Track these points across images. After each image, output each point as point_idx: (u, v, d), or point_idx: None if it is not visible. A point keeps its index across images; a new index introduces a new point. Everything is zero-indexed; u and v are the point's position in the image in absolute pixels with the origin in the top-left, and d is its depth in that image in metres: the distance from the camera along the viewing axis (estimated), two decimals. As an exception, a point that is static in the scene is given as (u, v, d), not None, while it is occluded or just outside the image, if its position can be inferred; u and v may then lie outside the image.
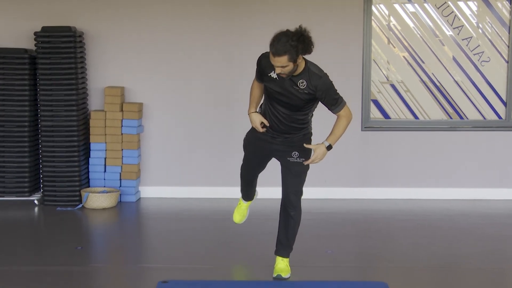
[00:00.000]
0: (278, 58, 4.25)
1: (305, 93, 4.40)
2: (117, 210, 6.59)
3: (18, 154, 6.64)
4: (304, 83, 4.39)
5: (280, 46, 4.22)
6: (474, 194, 6.97)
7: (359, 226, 6.12)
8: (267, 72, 4.44)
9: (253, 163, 4.82)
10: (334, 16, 6.80)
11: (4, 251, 5.34)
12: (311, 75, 4.39)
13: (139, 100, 6.94)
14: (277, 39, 4.25)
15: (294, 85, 4.39)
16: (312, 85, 4.39)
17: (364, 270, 5.04)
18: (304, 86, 4.39)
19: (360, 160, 6.98)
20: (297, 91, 4.40)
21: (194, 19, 6.85)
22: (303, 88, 4.39)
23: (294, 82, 4.39)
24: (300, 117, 4.54)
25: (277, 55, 4.25)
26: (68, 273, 4.84)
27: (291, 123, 4.54)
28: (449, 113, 7.07)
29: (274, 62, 4.28)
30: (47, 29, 6.60)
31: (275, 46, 4.24)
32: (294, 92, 4.41)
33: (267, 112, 4.58)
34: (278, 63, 4.27)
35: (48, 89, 6.60)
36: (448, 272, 4.90)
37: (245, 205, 5.23)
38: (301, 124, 4.57)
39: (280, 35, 4.26)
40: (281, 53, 4.23)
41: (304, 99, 4.42)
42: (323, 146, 4.53)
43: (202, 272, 4.89)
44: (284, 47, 4.21)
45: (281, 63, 4.26)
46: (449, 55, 7.05)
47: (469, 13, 7.03)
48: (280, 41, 4.23)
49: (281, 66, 4.27)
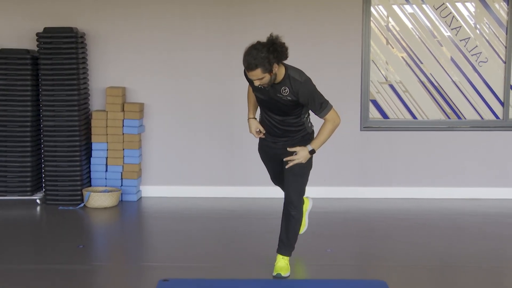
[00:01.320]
0: (251, 72, 4.27)
1: (288, 100, 4.43)
2: (118, 209, 6.58)
3: (21, 154, 6.63)
4: (286, 89, 4.42)
5: (251, 59, 4.22)
6: (473, 193, 6.96)
7: (359, 225, 6.11)
8: (252, 82, 4.44)
9: (270, 169, 4.91)
10: (334, 17, 6.79)
11: (6, 249, 5.34)
12: (292, 81, 4.40)
13: (140, 100, 6.93)
14: (248, 53, 4.26)
15: (278, 93, 4.43)
16: (294, 91, 4.41)
17: (363, 269, 5.03)
18: (287, 92, 4.42)
19: (359, 160, 6.96)
20: (281, 98, 4.43)
21: (194, 20, 6.84)
22: (286, 95, 4.42)
23: (277, 90, 4.42)
24: (293, 121, 4.57)
25: (250, 70, 4.27)
26: (70, 271, 4.83)
27: (286, 127, 4.58)
28: (447, 113, 7.05)
29: (250, 76, 4.32)
30: (49, 30, 6.59)
31: (246, 61, 4.25)
32: (278, 100, 4.45)
33: (263, 119, 4.67)
34: (253, 76, 4.29)
35: (50, 89, 6.59)
36: (446, 271, 4.89)
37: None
38: (296, 127, 4.61)
39: (250, 49, 4.27)
40: (253, 67, 4.24)
41: (289, 105, 4.46)
42: (306, 149, 4.56)
43: (202, 270, 4.87)
44: (255, 61, 4.22)
45: (256, 76, 4.28)
46: (447, 56, 7.04)
47: (467, 14, 7.02)
48: (250, 55, 4.24)
49: (258, 79, 4.29)
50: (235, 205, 6.71)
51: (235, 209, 6.57)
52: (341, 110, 6.96)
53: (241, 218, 6.30)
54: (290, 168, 4.60)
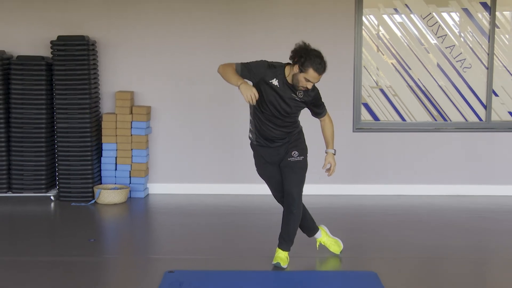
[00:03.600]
0: (321, 75, 4.32)
1: (302, 101, 4.47)
2: (127, 205, 6.57)
3: (36, 154, 6.62)
4: (301, 93, 4.46)
5: (325, 66, 4.31)
6: (457, 190, 6.96)
7: (351, 220, 6.10)
8: (269, 78, 4.41)
9: (272, 180, 4.72)
10: (328, 25, 6.79)
11: (22, 243, 5.33)
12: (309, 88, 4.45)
13: (147, 103, 6.92)
14: (321, 57, 4.30)
15: (293, 93, 4.44)
16: (309, 94, 4.46)
17: (355, 260, 5.02)
18: (302, 95, 4.46)
19: (352, 159, 6.96)
20: (295, 99, 4.45)
21: (199, 26, 6.83)
22: (301, 97, 4.46)
23: (293, 91, 4.43)
24: (290, 120, 4.56)
25: (322, 73, 4.32)
26: (82, 263, 4.82)
27: (282, 128, 4.55)
28: (433, 115, 7.05)
29: (314, 79, 4.31)
30: (62, 38, 6.58)
31: (323, 66, 4.30)
32: (292, 99, 4.44)
33: (257, 125, 4.57)
34: (316, 79, 4.33)
35: (63, 94, 6.58)
36: (434, 263, 4.88)
37: None
38: (291, 125, 4.58)
39: (321, 54, 4.32)
40: (324, 72, 4.33)
41: (299, 106, 4.49)
42: (331, 155, 4.66)
43: (206, 262, 4.87)
44: (326, 67, 4.32)
45: (318, 80, 4.34)
46: (433, 62, 7.04)
47: (452, 23, 7.01)
48: (324, 62, 4.31)
49: (315, 82, 4.35)
50: (237, 201, 6.70)
51: (237, 205, 6.56)
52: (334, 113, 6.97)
53: (242, 214, 6.29)
54: (289, 167, 4.57)
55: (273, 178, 4.71)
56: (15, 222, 6.08)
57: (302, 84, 4.35)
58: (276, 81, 4.41)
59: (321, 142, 4.74)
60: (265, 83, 4.42)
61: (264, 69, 4.42)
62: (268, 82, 4.41)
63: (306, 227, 4.91)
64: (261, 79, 4.42)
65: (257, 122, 4.57)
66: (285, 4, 6.79)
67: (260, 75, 4.43)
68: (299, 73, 4.32)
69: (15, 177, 6.64)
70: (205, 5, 6.81)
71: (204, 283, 4.39)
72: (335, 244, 4.96)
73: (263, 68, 4.42)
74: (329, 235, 4.98)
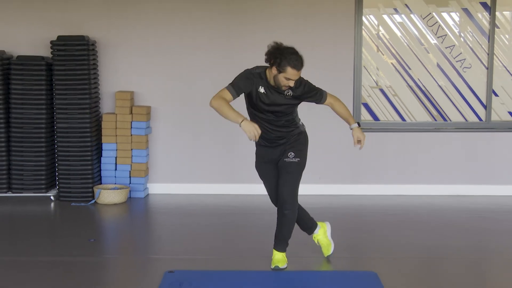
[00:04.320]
0: (299, 71, 4.30)
1: (292, 98, 4.46)
2: (127, 205, 6.57)
3: (36, 154, 6.62)
4: (289, 92, 4.45)
5: (302, 60, 4.29)
6: (457, 190, 6.96)
7: (351, 220, 6.10)
8: (256, 87, 4.42)
9: (270, 181, 4.68)
10: (328, 26, 6.79)
11: (22, 243, 5.33)
12: (293, 85, 4.42)
13: (147, 103, 6.92)
14: (296, 53, 4.27)
15: (281, 94, 4.44)
16: (297, 92, 4.45)
17: (355, 260, 5.02)
18: (289, 93, 4.45)
19: (352, 159, 6.95)
20: (285, 99, 4.44)
21: (199, 26, 6.83)
22: (289, 95, 4.45)
23: (281, 92, 4.43)
24: (287, 118, 4.53)
25: (299, 69, 4.29)
26: (82, 263, 4.82)
27: (280, 128, 4.54)
28: (433, 115, 7.05)
29: (294, 76, 4.29)
30: (62, 38, 6.58)
31: (300, 61, 4.27)
32: (282, 101, 4.45)
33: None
34: (295, 76, 4.31)
35: (63, 94, 6.58)
36: (434, 263, 4.88)
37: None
38: (289, 123, 4.57)
39: (295, 50, 4.29)
40: (302, 67, 4.30)
41: (292, 103, 4.48)
42: (357, 129, 4.60)
43: (206, 262, 4.87)
44: (303, 61, 4.29)
45: (298, 75, 4.32)
46: (433, 62, 7.03)
47: (452, 23, 7.01)
48: (300, 56, 4.28)
49: (295, 79, 4.32)
50: (237, 201, 6.71)
51: (237, 205, 6.56)
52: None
53: (242, 214, 6.29)
54: (284, 168, 4.54)
55: (270, 178, 4.68)
56: (15, 222, 6.08)
57: (284, 84, 4.35)
58: (262, 89, 4.43)
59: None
60: (257, 93, 4.44)
61: (250, 80, 4.42)
62: (257, 91, 4.44)
63: (305, 227, 4.90)
64: (253, 91, 4.44)
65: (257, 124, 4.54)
66: (285, 4, 6.79)
67: (248, 87, 4.43)
68: (278, 74, 4.31)
69: (15, 177, 6.64)
70: (205, 5, 6.81)
71: (204, 283, 4.39)
72: (327, 246, 4.91)
73: (249, 79, 4.41)
74: (327, 235, 4.94)
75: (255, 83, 4.42)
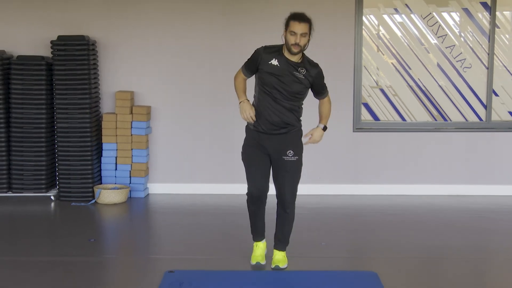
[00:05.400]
0: (302, 24, 4.36)
1: (304, 79, 4.47)
2: (127, 205, 6.58)
3: (36, 154, 6.62)
4: (304, 70, 4.48)
5: (304, 14, 4.40)
6: (457, 190, 6.96)
7: (351, 220, 6.10)
8: (268, 60, 4.46)
9: (256, 170, 4.56)
10: (328, 25, 6.79)
11: (22, 243, 5.33)
12: (310, 64, 4.52)
13: (147, 103, 6.93)
14: (298, 12, 4.42)
15: (295, 71, 4.46)
16: (311, 72, 4.49)
17: (355, 260, 5.02)
18: (304, 72, 4.48)
19: (352, 159, 6.96)
20: (298, 76, 4.45)
21: (199, 26, 6.83)
22: (304, 74, 4.47)
23: (295, 68, 4.46)
24: (293, 103, 4.49)
25: (302, 21, 4.36)
26: (82, 263, 4.82)
27: (285, 112, 4.48)
28: (434, 115, 7.05)
29: (298, 29, 4.35)
30: (62, 38, 6.58)
31: (299, 15, 4.40)
32: (295, 76, 4.45)
33: (261, 106, 4.49)
34: (301, 29, 4.36)
35: (63, 93, 6.58)
36: (434, 262, 4.88)
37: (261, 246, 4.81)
38: (294, 111, 4.52)
39: (298, 12, 4.44)
40: (306, 19, 4.38)
41: (303, 83, 4.47)
42: (319, 129, 4.63)
43: (205, 262, 4.87)
44: (307, 16, 4.40)
45: (303, 30, 4.35)
46: (434, 62, 7.04)
47: (452, 23, 7.01)
48: (302, 13, 4.42)
49: (302, 33, 4.35)
50: (236, 201, 6.69)
51: (236, 205, 6.55)
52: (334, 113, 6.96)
53: (242, 214, 6.24)
54: (284, 167, 4.51)
55: (258, 164, 4.54)
56: (15, 222, 6.08)
57: (291, 42, 4.37)
58: (275, 61, 4.46)
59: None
60: (268, 65, 4.45)
61: (260, 55, 4.49)
62: (268, 64, 4.45)
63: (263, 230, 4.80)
64: (261, 64, 4.46)
65: (261, 105, 4.49)
66: (285, 4, 6.78)
67: (258, 62, 4.48)
68: (285, 32, 4.43)
69: (15, 177, 6.64)
70: (205, 5, 6.81)
71: (204, 283, 4.39)
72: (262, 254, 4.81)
73: (260, 54, 4.50)
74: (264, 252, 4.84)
75: (262, 57, 4.47)
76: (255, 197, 4.64)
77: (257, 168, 4.57)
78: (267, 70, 4.46)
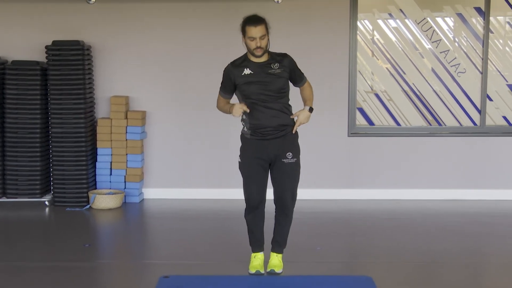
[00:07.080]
0: (259, 26, 4.38)
1: (281, 72, 4.49)
2: (122, 210, 6.56)
3: (30, 159, 6.60)
4: (276, 64, 4.51)
5: (257, 16, 4.42)
6: (452, 195, 6.96)
7: (346, 225, 6.10)
8: (239, 73, 4.48)
9: (254, 182, 4.53)
10: (323, 31, 6.80)
11: (17, 248, 5.32)
12: (279, 56, 4.56)
13: (142, 108, 6.92)
14: (251, 16, 4.44)
15: (269, 69, 4.48)
16: (284, 63, 4.52)
17: (351, 265, 5.02)
18: (277, 66, 4.50)
19: (347, 164, 6.96)
20: (274, 72, 4.47)
21: (194, 33, 6.84)
22: (278, 68, 4.49)
23: (268, 67, 4.49)
24: (282, 100, 4.50)
25: (258, 24, 4.38)
26: (77, 268, 4.81)
27: (280, 113, 4.49)
28: (428, 120, 7.07)
29: (256, 32, 4.38)
30: (57, 43, 6.58)
31: (253, 18, 4.42)
32: (272, 73, 4.47)
33: (255, 116, 4.49)
34: (258, 33, 4.38)
35: (58, 98, 6.57)
36: (429, 267, 4.89)
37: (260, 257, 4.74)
38: (287, 110, 4.54)
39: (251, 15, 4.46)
40: (260, 21, 4.40)
41: (282, 76, 4.49)
42: (305, 110, 4.61)
43: (201, 268, 4.86)
44: (261, 17, 4.43)
45: (261, 32, 4.38)
46: (428, 67, 7.05)
47: (447, 28, 7.04)
48: (253, 15, 4.44)
49: (261, 36, 4.38)
50: (232, 206, 6.69)
51: (232, 210, 6.55)
52: (329, 117, 6.98)
53: (237, 218, 6.24)
54: (283, 170, 4.51)
55: (258, 178, 4.53)
56: (9, 227, 6.06)
57: (252, 46, 4.41)
58: (247, 70, 4.47)
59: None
60: (242, 78, 4.46)
61: (231, 72, 4.51)
62: (241, 76, 4.47)
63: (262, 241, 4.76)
64: (237, 78, 4.48)
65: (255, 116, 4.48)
66: (281, 10, 6.80)
67: (231, 79, 4.51)
68: (244, 38, 4.46)
69: (10, 182, 6.62)
70: (201, 10, 6.82)
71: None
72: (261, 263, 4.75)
73: (230, 71, 4.52)
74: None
75: (233, 73, 4.49)
76: (252, 207, 4.62)
77: (254, 181, 4.55)
78: (244, 81, 4.47)
